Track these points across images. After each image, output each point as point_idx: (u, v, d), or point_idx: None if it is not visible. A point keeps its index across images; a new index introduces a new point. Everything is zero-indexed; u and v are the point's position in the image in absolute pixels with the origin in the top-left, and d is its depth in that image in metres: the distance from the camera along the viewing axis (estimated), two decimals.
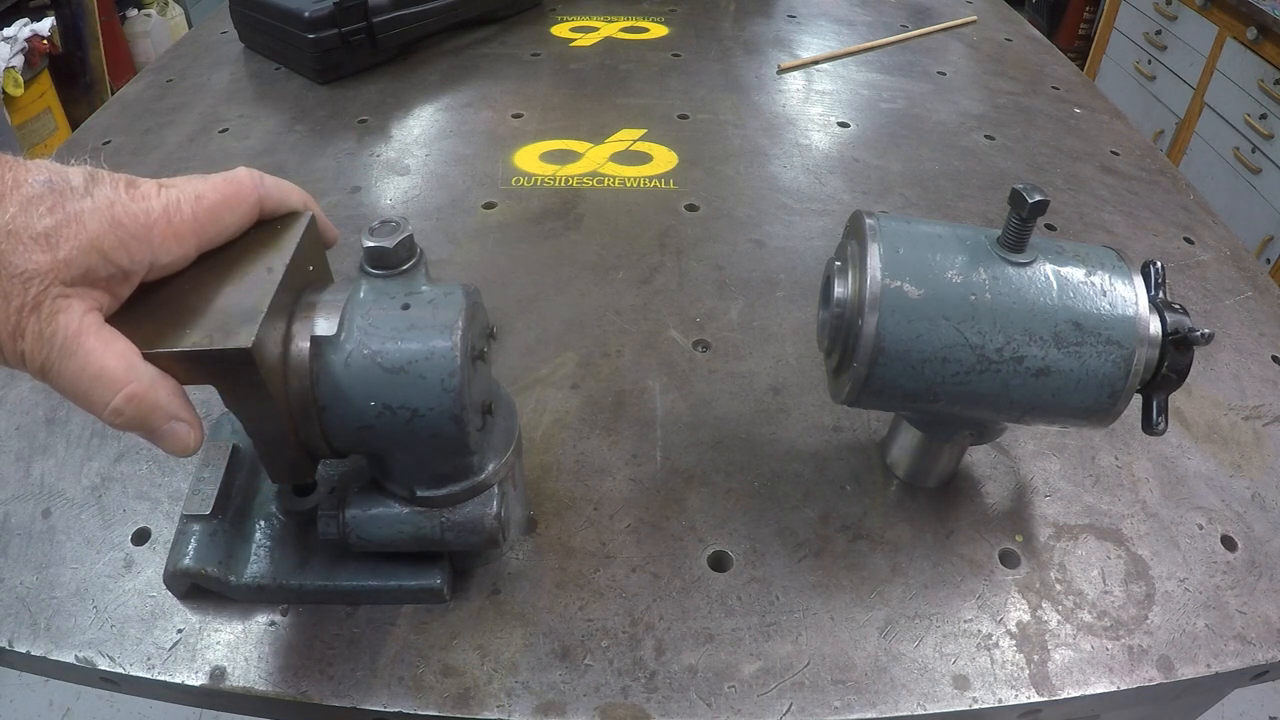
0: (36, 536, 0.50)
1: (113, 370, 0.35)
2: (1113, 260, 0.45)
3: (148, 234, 0.36)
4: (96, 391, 0.35)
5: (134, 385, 0.35)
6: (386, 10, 1.00)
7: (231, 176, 0.40)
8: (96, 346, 0.35)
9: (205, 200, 0.39)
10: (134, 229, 0.36)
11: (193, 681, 0.44)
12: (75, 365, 0.34)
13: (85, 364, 0.34)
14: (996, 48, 1.18)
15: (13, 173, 0.35)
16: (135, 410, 0.35)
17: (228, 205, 0.40)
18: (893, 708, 0.44)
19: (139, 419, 0.36)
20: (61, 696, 1.49)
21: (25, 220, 0.34)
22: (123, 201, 0.36)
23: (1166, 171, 0.91)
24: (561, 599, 0.48)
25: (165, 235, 0.37)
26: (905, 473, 0.55)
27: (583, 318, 0.67)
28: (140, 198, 0.37)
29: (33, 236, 0.34)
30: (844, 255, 0.47)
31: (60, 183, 0.35)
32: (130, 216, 0.36)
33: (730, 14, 1.24)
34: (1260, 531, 0.54)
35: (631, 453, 0.56)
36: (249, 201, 0.40)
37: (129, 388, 0.35)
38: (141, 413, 0.36)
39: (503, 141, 0.90)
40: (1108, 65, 2.81)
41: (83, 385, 0.35)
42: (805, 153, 0.90)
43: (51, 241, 0.34)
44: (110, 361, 0.35)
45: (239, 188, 0.40)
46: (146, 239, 0.36)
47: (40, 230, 0.34)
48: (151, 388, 0.36)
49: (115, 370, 0.35)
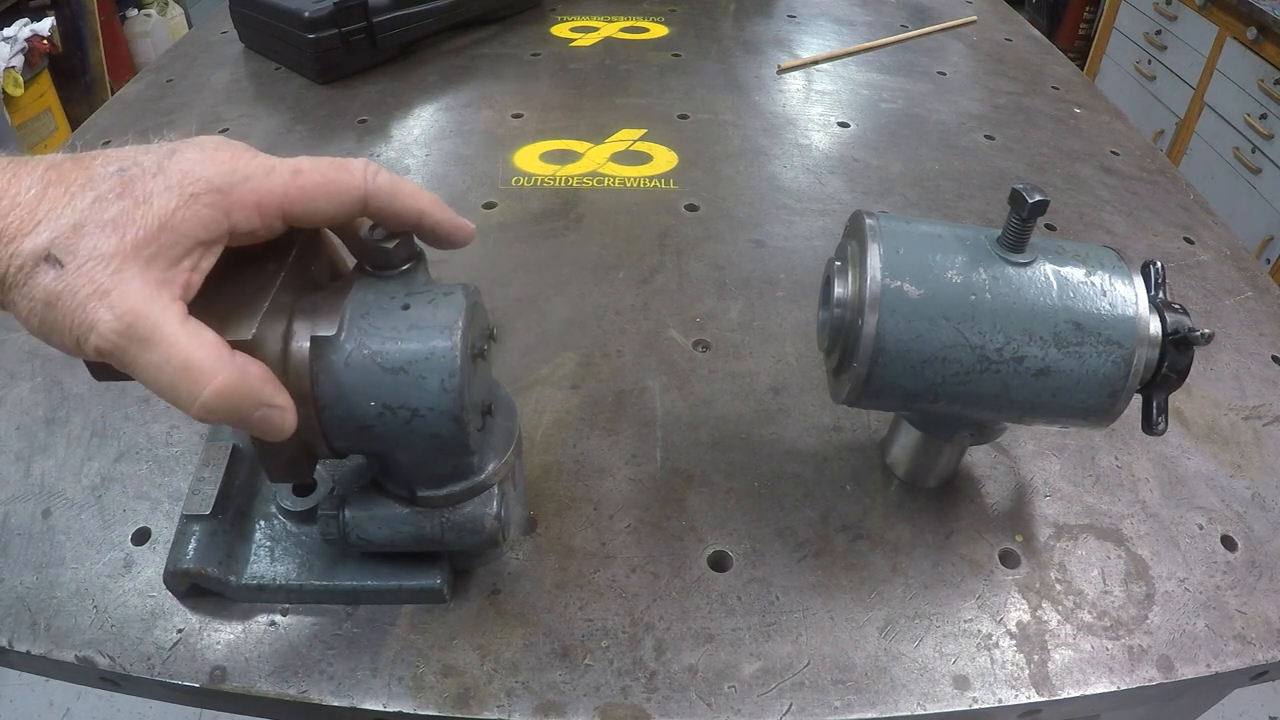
0: (36, 536, 0.50)
1: (200, 362, 0.33)
2: (1113, 260, 0.45)
3: (224, 200, 0.34)
4: (183, 385, 0.33)
5: (223, 378, 0.33)
6: (386, 10, 1.00)
7: (342, 163, 0.38)
8: (180, 336, 0.32)
9: (302, 177, 0.36)
10: (209, 198, 0.34)
11: (193, 681, 0.44)
12: (158, 357, 0.32)
13: (169, 356, 0.32)
14: (996, 48, 1.18)
15: (86, 170, 0.34)
16: (226, 404, 0.33)
17: (325, 190, 0.37)
18: (893, 708, 0.44)
19: (231, 412, 0.34)
20: (61, 696, 1.49)
21: (93, 212, 0.32)
22: (197, 170, 0.34)
23: (1166, 171, 0.91)
24: (561, 599, 0.48)
25: (245, 202, 0.35)
26: (905, 473, 0.55)
27: (583, 318, 0.67)
28: (224, 160, 0.35)
29: (99, 224, 0.32)
30: (844, 255, 0.47)
31: (132, 167, 0.34)
32: (204, 184, 0.34)
33: (730, 14, 1.24)
34: (1260, 531, 0.54)
35: (631, 453, 0.56)
36: (352, 194, 0.38)
37: (218, 381, 0.33)
38: (232, 405, 0.34)
39: (503, 141, 0.90)
40: (1108, 65, 2.81)
41: (167, 378, 0.32)
42: (805, 153, 0.90)
43: (119, 226, 0.32)
44: (198, 352, 0.33)
45: (344, 175, 0.38)
46: (223, 206, 0.34)
47: (108, 218, 0.32)
48: (243, 378, 0.34)
49: (203, 362, 0.33)
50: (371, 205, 0.39)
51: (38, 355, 0.62)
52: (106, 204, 0.33)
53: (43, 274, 0.32)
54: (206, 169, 0.35)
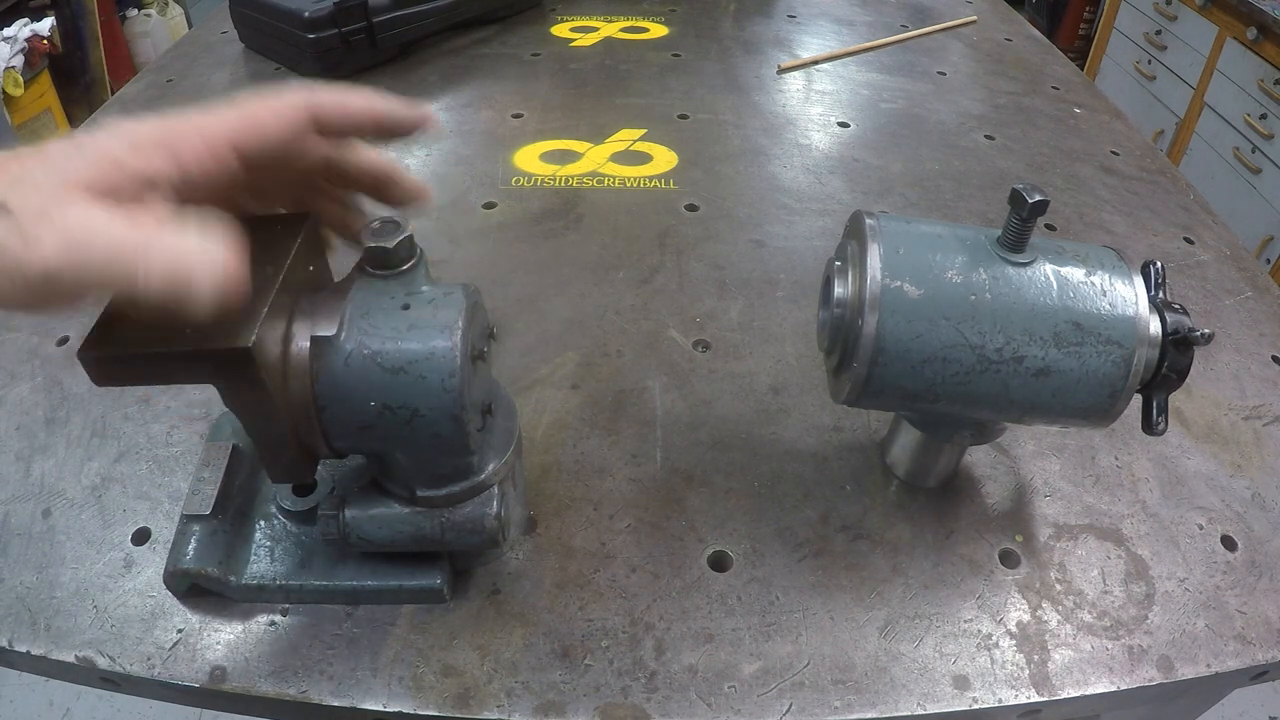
0: (36, 536, 0.50)
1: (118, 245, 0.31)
2: (1113, 260, 0.45)
3: (170, 138, 0.35)
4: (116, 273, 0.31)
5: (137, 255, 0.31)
6: (386, 10, 1.00)
7: (278, 89, 0.39)
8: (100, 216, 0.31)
9: (241, 106, 0.37)
10: (153, 136, 0.34)
11: (193, 681, 0.44)
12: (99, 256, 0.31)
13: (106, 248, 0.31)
14: (996, 48, 1.18)
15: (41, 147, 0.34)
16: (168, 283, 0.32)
17: (270, 111, 0.37)
18: (893, 708, 0.44)
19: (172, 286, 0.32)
20: (61, 696, 1.49)
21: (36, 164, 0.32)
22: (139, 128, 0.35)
23: (1166, 171, 0.91)
24: (561, 599, 0.48)
25: (191, 142, 0.35)
26: (905, 473, 0.55)
27: (583, 318, 0.67)
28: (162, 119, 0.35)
29: (42, 172, 0.32)
30: (844, 255, 0.47)
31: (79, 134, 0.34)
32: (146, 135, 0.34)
33: (730, 14, 1.24)
34: (1260, 531, 0.54)
35: (631, 453, 0.56)
36: (296, 108, 0.38)
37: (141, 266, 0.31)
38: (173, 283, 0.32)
39: (503, 141, 0.90)
40: (1108, 65, 2.81)
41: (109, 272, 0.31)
42: (805, 153, 0.90)
43: (59, 168, 0.32)
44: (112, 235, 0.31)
45: (285, 95, 0.38)
46: (169, 147, 0.34)
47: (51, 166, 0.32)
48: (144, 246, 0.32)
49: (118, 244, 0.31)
50: (322, 117, 0.39)
51: (38, 355, 0.62)
52: (50, 157, 0.33)
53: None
54: (145, 126, 0.35)
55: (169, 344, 0.36)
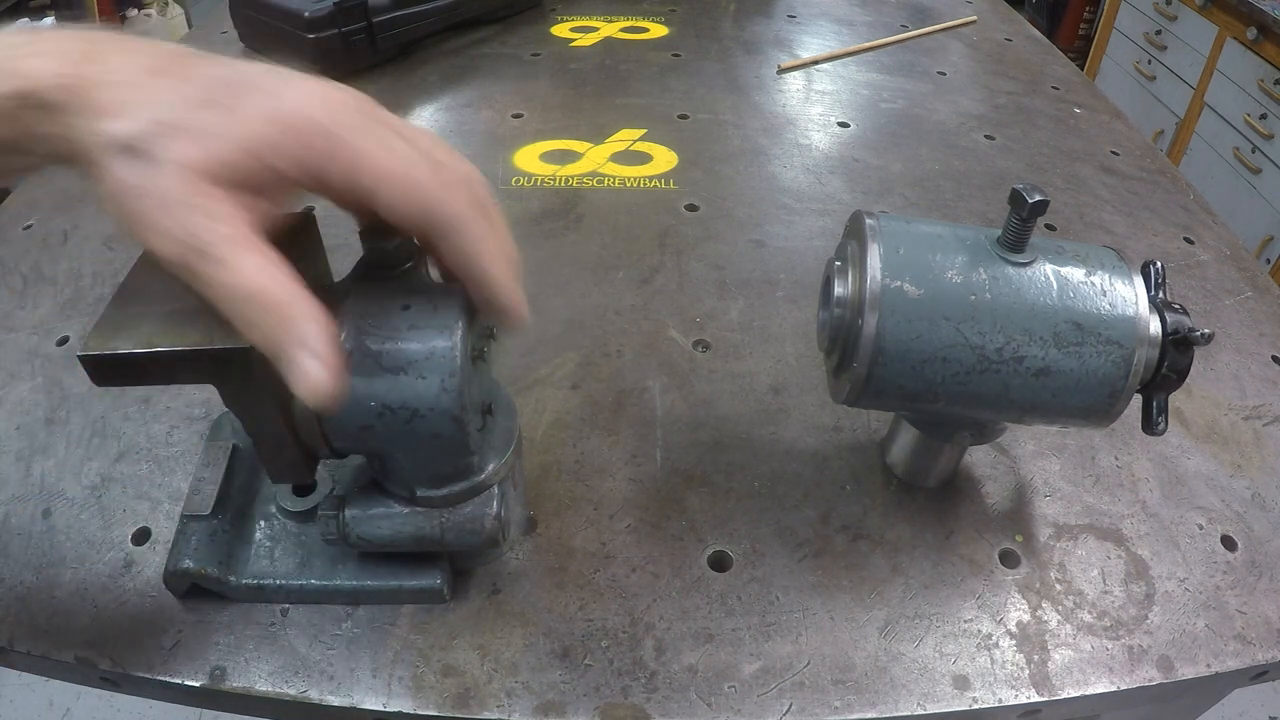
0: (36, 536, 0.50)
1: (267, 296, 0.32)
2: (1113, 260, 0.45)
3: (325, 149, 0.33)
4: (245, 314, 0.32)
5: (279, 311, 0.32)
6: (386, 10, 1.00)
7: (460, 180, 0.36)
8: (252, 267, 0.32)
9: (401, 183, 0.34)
10: (309, 139, 0.32)
11: (193, 681, 0.44)
12: (226, 284, 0.31)
13: (239, 285, 0.31)
14: (996, 48, 1.18)
15: (184, 66, 0.33)
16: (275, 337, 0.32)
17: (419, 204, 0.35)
18: (893, 708, 0.44)
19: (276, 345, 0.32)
20: (61, 696, 1.49)
21: (183, 113, 0.31)
22: (307, 107, 0.32)
23: (1166, 171, 0.91)
24: (561, 599, 0.48)
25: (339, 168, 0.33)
26: (905, 473, 0.55)
27: (583, 318, 0.67)
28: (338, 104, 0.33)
29: (186, 129, 0.31)
30: (844, 255, 0.47)
31: (234, 75, 0.33)
32: (310, 122, 0.32)
33: (730, 14, 1.24)
34: (1260, 531, 0.54)
35: (631, 453, 0.56)
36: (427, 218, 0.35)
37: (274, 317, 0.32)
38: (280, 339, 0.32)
39: (503, 141, 0.90)
40: (1108, 65, 2.81)
41: (232, 308, 0.32)
42: (805, 153, 0.90)
43: (205, 136, 0.31)
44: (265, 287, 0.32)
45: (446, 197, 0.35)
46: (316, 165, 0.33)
47: (198, 125, 0.31)
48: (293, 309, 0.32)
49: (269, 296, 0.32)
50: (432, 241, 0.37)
51: (38, 355, 0.62)
52: (200, 108, 0.32)
53: (122, 164, 0.31)
54: (307, 109, 0.33)
55: (169, 343, 0.36)
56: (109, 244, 0.73)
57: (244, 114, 0.32)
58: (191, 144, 0.31)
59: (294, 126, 0.33)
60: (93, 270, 0.70)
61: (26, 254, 0.72)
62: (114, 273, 0.70)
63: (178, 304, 0.37)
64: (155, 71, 0.33)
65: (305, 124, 0.33)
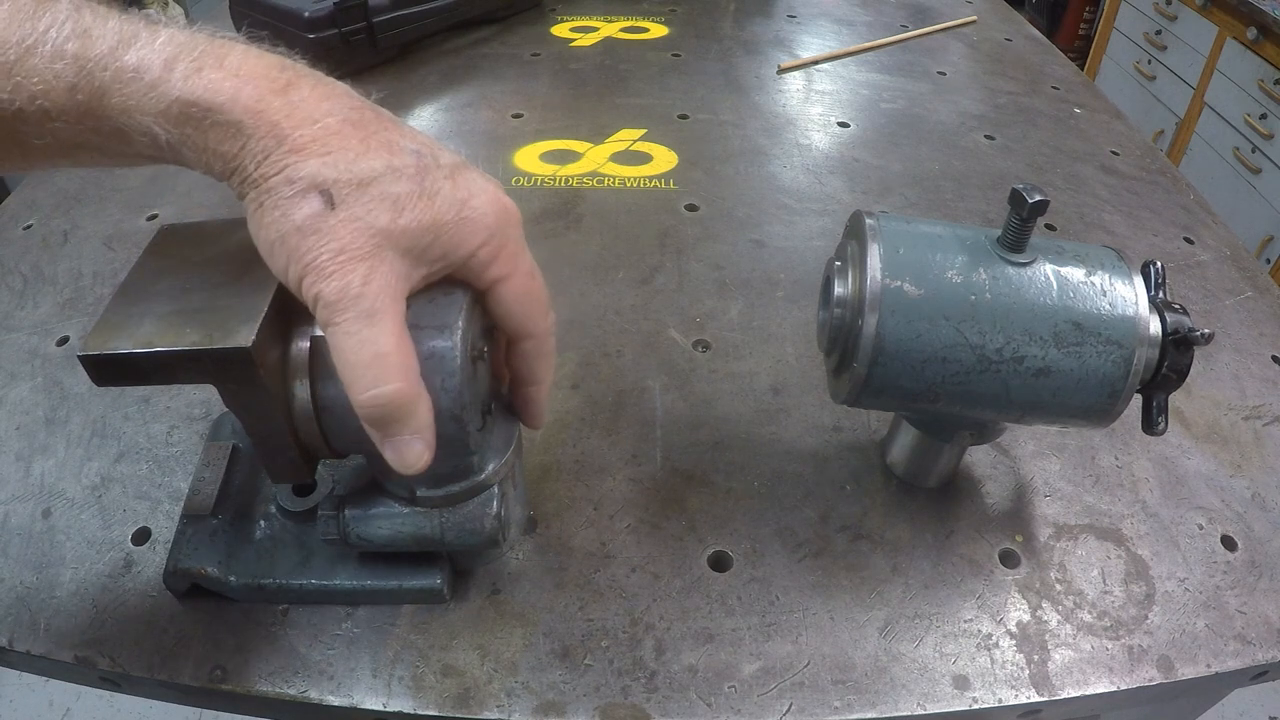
0: (36, 536, 0.50)
1: (395, 363, 0.34)
2: (1113, 260, 0.45)
3: (486, 249, 0.37)
4: (371, 371, 0.34)
5: (406, 385, 0.34)
6: (386, 10, 1.00)
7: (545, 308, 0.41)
8: (393, 332, 0.34)
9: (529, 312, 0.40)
10: (477, 235, 0.36)
11: (193, 681, 0.44)
12: (365, 337, 0.33)
13: (376, 342, 0.33)
14: (996, 48, 1.18)
15: (385, 132, 0.35)
16: (391, 411, 0.34)
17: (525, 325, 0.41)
18: (893, 708, 0.44)
19: (388, 419, 0.35)
20: (61, 696, 1.49)
21: (384, 179, 0.34)
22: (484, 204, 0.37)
23: (1166, 171, 0.91)
24: (561, 599, 0.48)
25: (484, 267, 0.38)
26: (905, 473, 0.55)
27: (583, 318, 0.67)
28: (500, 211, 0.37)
29: (384, 194, 0.33)
30: (844, 255, 0.47)
31: (427, 157, 0.36)
32: (481, 223, 0.36)
33: (730, 14, 1.24)
34: (1260, 531, 0.54)
35: (631, 453, 0.56)
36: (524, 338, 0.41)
37: (400, 385, 0.34)
38: (394, 415, 0.35)
39: (503, 141, 0.90)
40: (1108, 65, 2.81)
41: (361, 358, 0.34)
42: (805, 153, 0.90)
43: (399, 205, 0.33)
44: (399, 354, 0.34)
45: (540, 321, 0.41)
46: (484, 251, 0.37)
47: (393, 192, 0.34)
48: (418, 398, 0.35)
49: (397, 363, 0.34)
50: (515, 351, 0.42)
51: (38, 355, 0.62)
52: (398, 178, 0.34)
53: (309, 203, 0.33)
54: (489, 211, 0.37)
55: (169, 344, 0.36)
56: (109, 244, 0.73)
57: (439, 199, 0.35)
58: (386, 210, 0.33)
59: (474, 223, 0.36)
60: (93, 270, 0.70)
61: (26, 254, 0.72)
62: (114, 273, 0.70)
63: (178, 304, 0.37)
64: (355, 125, 0.35)
65: (483, 226, 0.37)
